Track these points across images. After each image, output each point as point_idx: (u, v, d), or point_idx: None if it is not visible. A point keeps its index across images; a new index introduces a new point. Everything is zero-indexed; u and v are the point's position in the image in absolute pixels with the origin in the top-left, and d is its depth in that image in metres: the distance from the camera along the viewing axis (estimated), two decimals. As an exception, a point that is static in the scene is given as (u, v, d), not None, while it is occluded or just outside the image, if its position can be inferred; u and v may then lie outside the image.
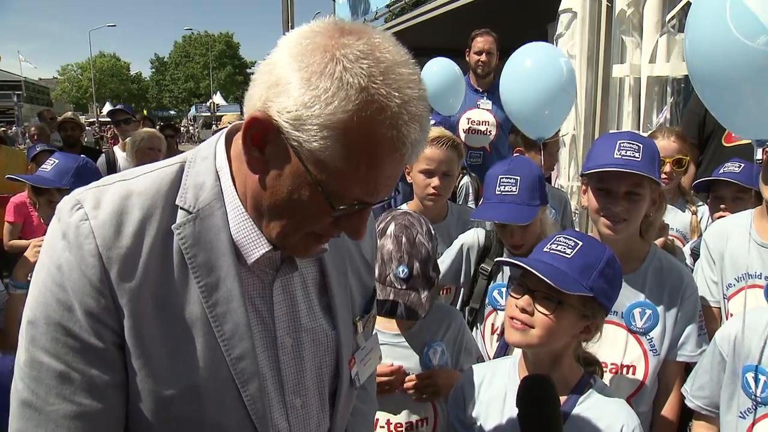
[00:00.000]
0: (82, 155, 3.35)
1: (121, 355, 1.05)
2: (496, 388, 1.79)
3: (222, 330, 1.07)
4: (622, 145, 2.09)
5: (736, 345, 1.83)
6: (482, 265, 2.55)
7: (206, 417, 1.08)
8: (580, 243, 1.67)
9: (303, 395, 1.21)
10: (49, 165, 3.01)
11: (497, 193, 2.42)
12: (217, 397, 1.08)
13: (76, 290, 1.01)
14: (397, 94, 0.95)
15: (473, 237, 2.63)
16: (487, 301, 2.53)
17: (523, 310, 1.63)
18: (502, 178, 2.44)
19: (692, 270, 2.79)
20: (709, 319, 2.47)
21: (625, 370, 2.16)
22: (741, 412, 1.79)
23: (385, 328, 2.08)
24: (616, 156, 2.08)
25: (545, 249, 1.69)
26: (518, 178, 2.41)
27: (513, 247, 2.45)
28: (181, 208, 1.08)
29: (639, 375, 2.15)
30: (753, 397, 1.75)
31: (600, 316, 1.67)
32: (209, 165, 1.12)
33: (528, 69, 3.49)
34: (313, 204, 1.02)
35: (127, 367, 1.05)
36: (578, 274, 1.60)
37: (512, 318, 1.65)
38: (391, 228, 1.96)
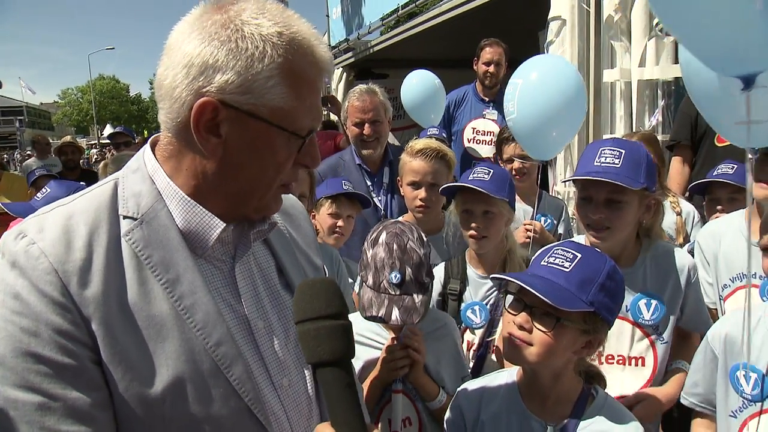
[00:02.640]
0: (81, 182, 3.37)
1: (98, 371, 1.03)
2: (497, 404, 1.74)
3: (194, 320, 1.10)
4: (603, 152, 2.10)
5: (728, 343, 1.84)
6: (450, 286, 2.58)
7: (201, 413, 1.08)
8: (579, 255, 1.60)
9: (287, 374, 1.23)
10: (41, 194, 3.03)
11: (470, 178, 2.52)
12: (205, 388, 1.09)
13: (39, 312, 1.00)
14: (298, 27, 1.11)
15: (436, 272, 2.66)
16: (461, 320, 2.54)
17: (521, 327, 1.58)
18: (478, 168, 2.56)
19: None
20: (707, 321, 2.49)
21: (633, 362, 2.16)
22: (732, 410, 1.80)
23: (380, 338, 2.11)
24: (596, 163, 2.09)
25: (543, 263, 1.64)
26: (492, 171, 2.52)
27: (473, 237, 2.50)
28: (126, 217, 1.12)
29: (649, 366, 2.15)
30: (744, 395, 1.77)
31: (602, 331, 1.61)
32: (142, 174, 1.18)
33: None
34: (281, 151, 1.13)
35: (109, 382, 1.04)
36: (577, 288, 1.54)
37: (510, 335, 1.61)
38: (383, 236, 1.98)
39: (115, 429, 1.06)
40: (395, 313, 1.88)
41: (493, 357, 2.50)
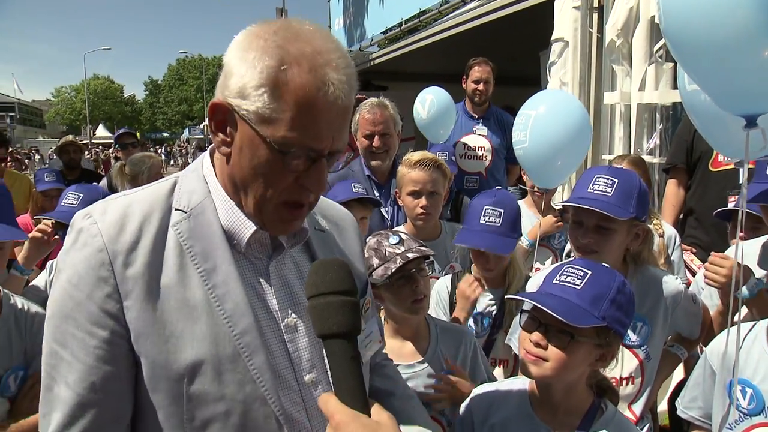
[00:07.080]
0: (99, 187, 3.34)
1: (126, 347, 1.16)
2: (507, 411, 1.77)
3: (223, 309, 1.20)
4: (598, 179, 2.16)
5: (725, 359, 1.93)
6: (455, 296, 2.66)
7: (216, 393, 1.17)
8: (589, 272, 1.64)
9: (313, 370, 1.31)
10: (73, 199, 3.07)
11: (481, 222, 2.57)
12: (223, 371, 1.18)
13: (86, 283, 1.15)
14: (308, 46, 1.14)
15: (441, 284, 2.77)
16: None
17: (537, 344, 1.63)
18: (488, 208, 2.59)
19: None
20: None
21: (624, 382, 2.25)
22: (729, 424, 1.89)
23: (402, 359, 2.16)
24: (589, 190, 2.16)
25: (555, 281, 1.67)
26: (502, 210, 2.57)
27: (485, 270, 2.60)
28: (177, 209, 1.25)
29: (638, 382, 2.25)
30: (740, 408, 1.86)
31: (615, 344, 1.65)
32: (198, 175, 1.32)
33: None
34: (270, 162, 1.18)
35: (137, 355, 1.16)
36: (589, 305, 1.58)
37: (526, 351, 1.65)
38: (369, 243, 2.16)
39: (129, 405, 1.20)
40: (411, 251, 2.06)
41: (499, 368, 2.59)
